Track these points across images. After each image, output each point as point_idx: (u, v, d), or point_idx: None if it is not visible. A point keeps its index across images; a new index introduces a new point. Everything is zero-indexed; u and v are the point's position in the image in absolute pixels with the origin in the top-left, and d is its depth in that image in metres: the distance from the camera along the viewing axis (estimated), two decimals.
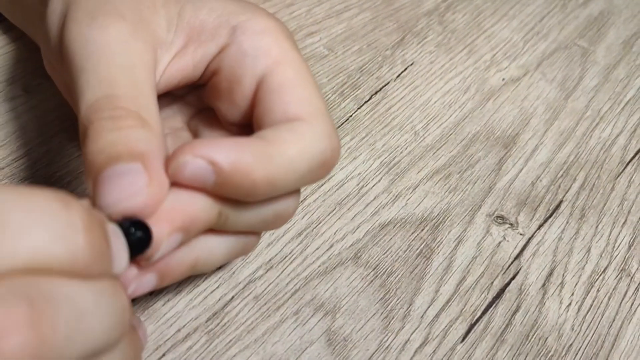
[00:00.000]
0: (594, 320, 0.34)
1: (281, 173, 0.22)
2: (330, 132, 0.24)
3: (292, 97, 0.24)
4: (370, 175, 0.37)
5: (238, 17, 0.25)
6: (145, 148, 0.21)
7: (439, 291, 0.33)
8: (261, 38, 0.25)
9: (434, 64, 0.44)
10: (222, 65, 0.26)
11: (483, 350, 0.31)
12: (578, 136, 0.42)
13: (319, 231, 0.34)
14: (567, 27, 0.49)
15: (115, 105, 0.22)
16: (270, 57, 0.24)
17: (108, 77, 0.22)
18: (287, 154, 0.22)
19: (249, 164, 0.21)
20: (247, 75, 0.25)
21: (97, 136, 0.21)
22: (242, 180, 0.21)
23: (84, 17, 0.23)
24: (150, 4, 0.25)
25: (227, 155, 0.21)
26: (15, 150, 0.34)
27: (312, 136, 0.23)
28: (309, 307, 0.31)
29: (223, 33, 0.25)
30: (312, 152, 0.23)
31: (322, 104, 0.24)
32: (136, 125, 0.21)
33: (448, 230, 0.35)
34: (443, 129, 0.40)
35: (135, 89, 0.22)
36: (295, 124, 0.23)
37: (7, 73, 0.37)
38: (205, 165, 0.21)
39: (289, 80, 0.24)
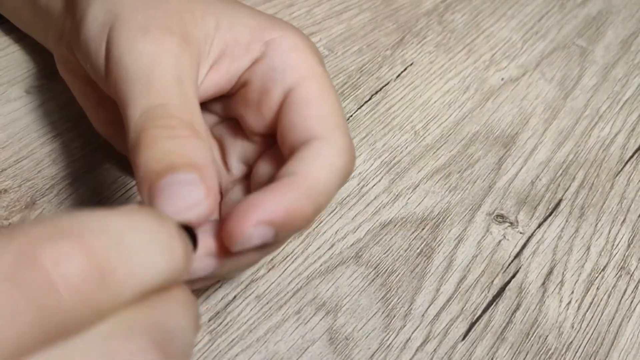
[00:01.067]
0: (593, 318, 0.34)
1: (322, 199, 0.23)
2: (349, 144, 0.25)
3: (313, 113, 0.25)
4: (370, 175, 0.37)
5: (270, 34, 0.27)
6: (201, 159, 0.21)
7: (439, 290, 0.33)
8: (291, 54, 0.26)
9: (433, 64, 0.44)
10: (253, 78, 0.27)
11: (484, 348, 0.32)
12: (577, 135, 0.42)
13: (320, 231, 0.34)
14: (566, 27, 0.50)
15: (170, 114, 0.22)
16: (297, 72, 0.26)
17: (162, 87, 0.23)
18: (322, 180, 0.23)
19: (300, 207, 0.22)
20: (276, 89, 0.26)
21: (152, 144, 0.21)
22: (297, 223, 0.22)
23: (135, 30, 0.24)
24: (191, 17, 0.26)
25: (280, 209, 0.22)
26: (18, 151, 0.34)
27: (336, 154, 0.24)
28: (310, 306, 0.31)
29: (256, 48, 0.26)
30: (339, 169, 0.24)
31: (341, 119, 0.26)
32: (191, 136, 0.22)
33: (448, 229, 0.36)
34: (443, 128, 0.41)
35: (187, 101, 0.23)
36: (318, 147, 0.24)
37: (10, 74, 0.37)
38: (267, 228, 0.21)
39: (313, 95, 0.25)
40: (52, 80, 0.37)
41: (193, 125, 0.22)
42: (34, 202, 0.32)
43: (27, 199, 0.32)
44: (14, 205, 0.32)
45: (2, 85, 0.36)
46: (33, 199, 0.32)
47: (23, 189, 0.33)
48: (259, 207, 0.21)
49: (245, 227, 0.21)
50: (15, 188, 0.33)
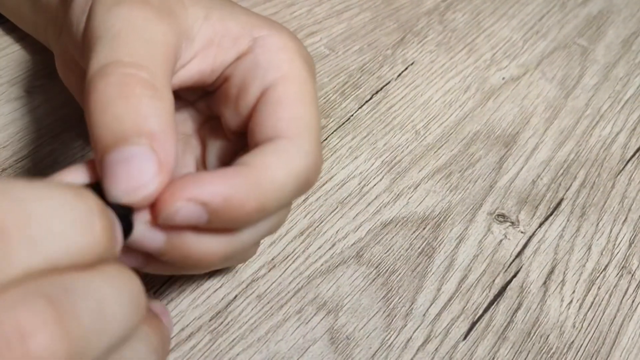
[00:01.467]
0: (595, 317, 0.34)
1: (271, 198, 0.22)
2: (315, 150, 0.24)
3: (285, 114, 0.24)
4: (371, 174, 0.37)
5: (261, 31, 0.26)
6: (155, 125, 0.20)
7: (440, 289, 0.33)
8: (277, 53, 0.25)
9: (434, 63, 0.44)
10: (235, 72, 0.26)
11: (485, 347, 0.32)
12: (578, 134, 0.42)
13: (320, 230, 0.34)
14: (567, 26, 0.50)
15: (125, 70, 0.20)
16: (279, 72, 0.25)
17: (124, 44, 0.21)
18: (274, 178, 0.22)
19: (240, 198, 0.21)
20: (254, 85, 0.25)
21: (103, 106, 0.20)
22: (235, 214, 0.21)
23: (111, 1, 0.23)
24: (179, 2, 0.25)
25: (217, 193, 0.21)
26: (18, 151, 0.34)
27: (297, 156, 0.23)
28: (311, 305, 0.31)
29: (244, 42, 0.26)
30: (297, 172, 0.23)
31: (313, 124, 0.25)
32: (146, 95, 0.20)
33: (449, 228, 0.36)
34: (444, 128, 0.41)
35: (151, 60, 0.22)
36: (280, 144, 0.23)
37: (10, 74, 0.37)
38: (198, 207, 0.20)
39: (289, 96, 0.25)
40: (52, 80, 0.37)
41: (152, 84, 0.21)
42: None
43: None
44: None
45: (3, 85, 0.36)
46: None
47: None
48: (196, 184, 0.20)
49: (174, 199, 0.20)
50: None
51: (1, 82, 0.36)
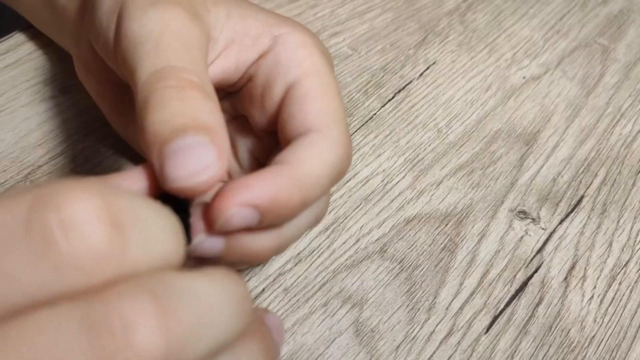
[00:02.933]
0: (616, 312, 0.34)
1: (311, 191, 0.23)
2: (346, 140, 0.25)
3: (312, 108, 0.25)
4: (394, 171, 0.38)
5: (280, 29, 0.27)
6: (211, 121, 0.21)
7: (463, 284, 0.34)
8: (297, 50, 0.26)
9: (455, 62, 0.45)
10: (258, 71, 0.27)
11: (507, 341, 0.32)
12: (599, 133, 0.43)
13: (345, 226, 0.35)
14: (588, 25, 0.50)
15: (179, 75, 0.21)
16: (300, 68, 0.26)
17: (170, 49, 0.22)
18: (312, 171, 0.23)
19: (286, 195, 0.22)
20: (278, 83, 0.26)
21: (161, 105, 0.20)
22: (282, 210, 0.22)
23: (143, 4, 0.24)
24: (202, 3, 0.26)
25: (266, 194, 0.22)
26: (52, 149, 0.35)
27: (330, 147, 0.24)
28: (337, 299, 0.32)
29: (264, 41, 0.27)
30: (332, 163, 0.24)
31: (339, 114, 0.25)
32: (201, 97, 0.21)
33: (471, 225, 0.36)
34: (465, 126, 0.41)
35: (196, 65, 0.23)
36: (312, 138, 0.24)
37: (45, 74, 0.38)
38: (250, 210, 0.21)
39: (313, 91, 0.25)
40: None
41: (203, 87, 0.22)
42: None
43: None
44: None
45: (38, 84, 0.38)
46: None
47: None
48: (246, 189, 0.21)
49: (229, 206, 0.21)
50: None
51: (36, 81, 0.38)
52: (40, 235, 0.14)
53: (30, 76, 0.38)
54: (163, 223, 0.16)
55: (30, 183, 0.33)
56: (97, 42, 0.27)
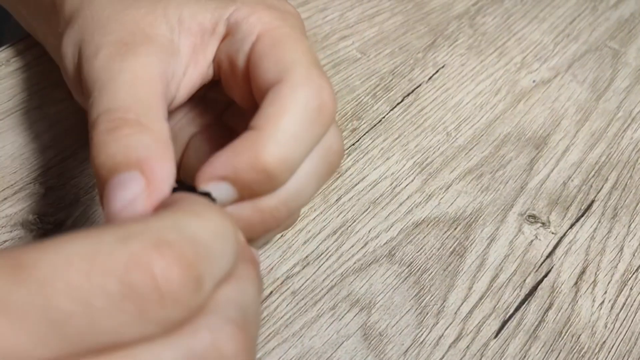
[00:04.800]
0: (627, 318, 0.34)
1: (288, 147, 0.23)
2: (308, 77, 0.24)
3: (269, 62, 0.25)
4: (403, 175, 0.38)
5: (229, 9, 0.27)
6: (142, 153, 0.22)
7: (472, 288, 0.34)
8: (248, 20, 0.26)
9: (465, 66, 0.45)
10: (222, 55, 0.27)
11: (516, 346, 0.32)
12: (610, 137, 0.42)
13: (353, 229, 0.35)
14: (598, 29, 0.50)
15: (112, 117, 0.23)
16: (254, 33, 0.26)
17: (109, 93, 0.24)
18: (282, 128, 0.23)
19: (252, 163, 0.22)
20: (240, 56, 0.26)
21: (98, 150, 0.22)
22: (259, 177, 0.23)
23: (92, 49, 0.26)
24: (153, 19, 0.27)
25: (231, 164, 0.22)
26: (62, 151, 0.35)
27: (291, 93, 0.24)
28: (345, 302, 0.32)
29: (220, 28, 0.27)
30: (303, 110, 0.24)
31: (299, 55, 0.25)
32: (133, 132, 0.22)
33: (481, 228, 0.36)
34: (475, 130, 0.41)
35: (134, 98, 0.24)
36: (275, 91, 0.24)
37: (54, 77, 0.38)
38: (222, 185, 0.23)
39: (268, 47, 0.25)
40: None
41: (138, 121, 0.23)
42: (78, 199, 0.33)
43: (72, 196, 0.34)
44: (59, 203, 0.33)
45: (47, 87, 0.38)
46: (77, 197, 0.34)
47: (67, 187, 0.34)
48: (208, 165, 0.23)
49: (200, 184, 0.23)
50: (59, 186, 0.34)
51: (46, 84, 0.38)
52: (137, 299, 0.16)
53: (40, 79, 0.38)
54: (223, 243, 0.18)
55: (40, 185, 0.34)
56: (70, 86, 0.29)
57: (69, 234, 0.17)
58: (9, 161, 0.34)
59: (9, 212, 0.32)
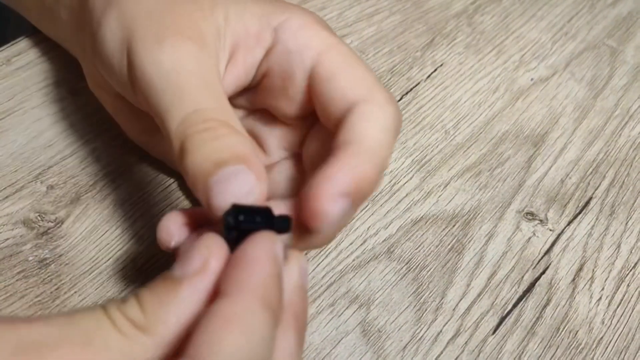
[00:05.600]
0: (624, 314, 0.34)
1: (382, 158, 0.24)
2: (390, 98, 0.26)
3: (345, 81, 0.26)
4: (402, 172, 0.38)
5: (278, 18, 0.27)
6: (245, 151, 0.23)
7: (470, 285, 0.34)
8: (302, 34, 0.27)
9: (463, 64, 0.45)
10: (271, 66, 0.27)
11: (514, 342, 0.32)
12: (607, 134, 0.43)
13: (352, 227, 0.35)
14: (596, 27, 0.50)
15: (206, 117, 0.23)
16: (313, 49, 0.26)
17: (191, 94, 0.24)
18: (378, 140, 0.24)
19: (366, 173, 0.23)
20: (298, 71, 0.26)
21: (197, 147, 0.23)
22: (367, 187, 0.23)
23: (151, 42, 0.25)
24: (201, 15, 0.27)
25: (349, 178, 0.23)
26: (63, 150, 0.35)
27: (381, 110, 0.25)
28: (344, 299, 0.32)
29: (266, 36, 0.27)
30: (387, 125, 0.25)
31: (372, 77, 0.26)
32: (231, 133, 0.23)
33: (479, 226, 0.36)
34: (473, 127, 0.41)
35: (219, 101, 0.24)
36: (363, 109, 0.25)
37: (54, 76, 0.38)
38: (344, 200, 0.23)
39: (337, 65, 0.26)
40: None
41: (230, 124, 0.24)
42: (78, 197, 0.34)
43: (72, 194, 0.34)
44: (59, 201, 0.33)
45: (48, 86, 0.38)
46: (78, 195, 0.34)
47: (68, 185, 0.34)
48: (330, 181, 0.22)
49: (324, 205, 0.22)
50: (61, 184, 0.34)
51: (47, 83, 0.38)
52: None
53: (41, 78, 0.38)
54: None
55: (40, 183, 0.34)
56: (110, 79, 0.28)
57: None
58: (10, 160, 0.34)
59: (11, 210, 0.33)
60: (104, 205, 0.34)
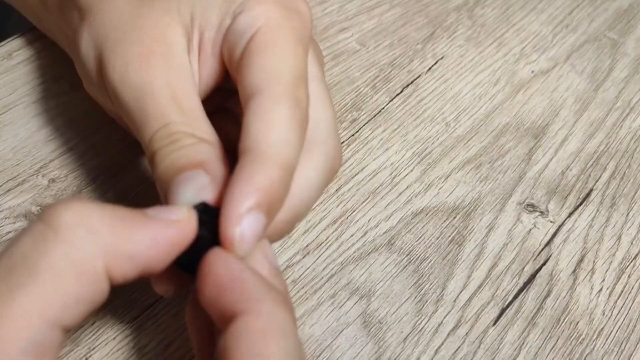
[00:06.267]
0: (624, 305, 0.34)
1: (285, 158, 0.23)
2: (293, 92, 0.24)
3: (257, 63, 0.24)
4: (402, 165, 0.38)
5: (237, 3, 0.27)
6: (204, 157, 0.24)
7: (471, 276, 0.34)
8: (252, 12, 0.26)
9: (463, 57, 0.45)
10: (226, 46, 0.27)
11: (515, 333, 0.32)
12: (608, 126, 0.43)
13: (353, 219, 0.35)
14: (597, 20, 0.50)
15: (172, 131, 0.24)
16: (254, 27, 0.25)
17: (159, 111, 0.25)
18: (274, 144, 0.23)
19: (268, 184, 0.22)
20: (237, 50, 0.26)
21: (163, 159, 0.24)
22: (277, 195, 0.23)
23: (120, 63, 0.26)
24: (168, 20, 0.27)
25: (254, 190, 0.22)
26: (63, 144, 0.35)
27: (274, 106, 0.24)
28: (344, 291, 0.32)
29: (227, 22, 0.27)
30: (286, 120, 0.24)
31: (289, 67, 0.25)
32: (193, 143, 0.24)
33: (479, 218, 0.36)
34: (473, 120, 0.41)
35: (184, 115, 0.25)
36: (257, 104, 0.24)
37: (54, 71, 0.38)
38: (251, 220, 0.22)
39: (260, 45, 0.25)
40: None
41: (195, 134, 0.24)
42: (79, 190, 0.34)
43: (74, 187, 0.34)
44: (61, 194, 0.33)
45: (47, 81, 0.38)
46: (79, 188, 0.34)
47: (69, 178, 0.34)
48: (231, 204, 0.22)
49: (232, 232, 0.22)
50: (62, 178, 0.34)
51: (46, 78, 0.38)
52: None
53: (42, 73, 0.38)
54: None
55: (42, 177, 0.34)
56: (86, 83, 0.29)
57: None
58: (12, 154, 0.35)
59: (12, 204, 0.33)
60: (105, 198, 0.34)
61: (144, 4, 0.27)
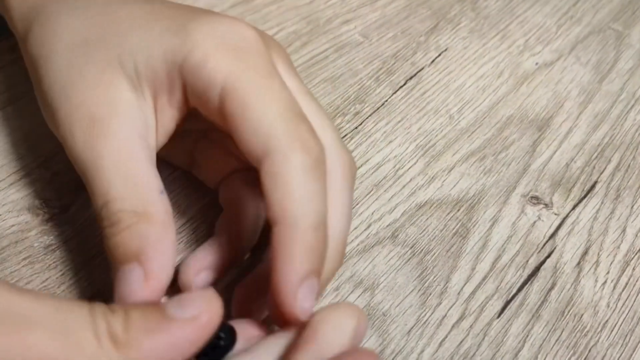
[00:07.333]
0: (629, 297, 0.34)
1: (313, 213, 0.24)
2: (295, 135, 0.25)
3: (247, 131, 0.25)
4: (406, 157, 0.38)
5: (181, 53, 0.26)
6: (141, 243, 0.24)
7: (475, 269, 0.34)
8: (205, 70, 0.25)
9: (467, 49, 0.45)
10: (194, 100, 0.27)
11: (519, 325, 0.32)
12: (613, 118, 0.42)
13: (357, 212, 0.35)
14: (601, 11, 0.50)
15: (113, 210, 0.25)
16: (217, 86, 0.25)
17: (101, 185, 0.25)
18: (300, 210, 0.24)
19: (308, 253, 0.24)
20: (211, 108, 0.26)
21: (107, 239, 0.25)
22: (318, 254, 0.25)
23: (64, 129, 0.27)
24: (110, 77, 0.26)
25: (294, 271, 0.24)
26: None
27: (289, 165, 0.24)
28: (348, 283, 0.32)
29: (175, 76, 0.26)
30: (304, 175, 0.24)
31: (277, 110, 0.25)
32: (132, 224, 0.24)
33: (483, 210, 0.36)
34: (477, 112, 0.41)
35: (126, 187, 0.25)
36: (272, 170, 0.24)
37: None
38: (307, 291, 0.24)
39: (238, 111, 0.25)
40: None
41: (135, 211, 0.24)
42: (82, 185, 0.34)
43: (76, 181, 0.34)
44: (64, 188, 0.33)
45: None
46: (81, 182, 0.34)
47: (72, 172, 0.34)
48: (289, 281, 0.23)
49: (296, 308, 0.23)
50: (65, 172, 0.34)
51: None
52: None
53: None
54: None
55: (45, 170, 0.34)
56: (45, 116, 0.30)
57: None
58: (15, 147, 0.35)
59: (16, 197, 0.33)
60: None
61: (86, 54, 0.27)
